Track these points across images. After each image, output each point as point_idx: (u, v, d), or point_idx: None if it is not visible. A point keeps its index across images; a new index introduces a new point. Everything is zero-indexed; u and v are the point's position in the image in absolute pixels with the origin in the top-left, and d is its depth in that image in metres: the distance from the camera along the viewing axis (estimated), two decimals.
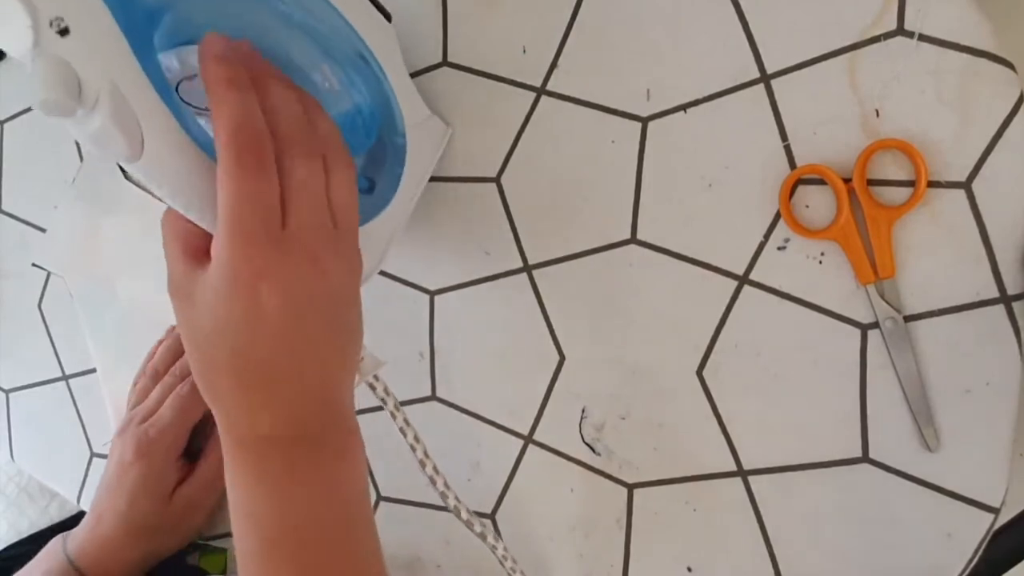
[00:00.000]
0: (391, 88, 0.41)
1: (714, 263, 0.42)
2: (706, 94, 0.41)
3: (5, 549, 0.76)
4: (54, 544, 0.51)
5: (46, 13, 0.25)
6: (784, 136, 0.40)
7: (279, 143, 0.30)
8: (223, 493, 0.49)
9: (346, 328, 0.33)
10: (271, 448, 0.31)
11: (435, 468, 0.40)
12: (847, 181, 0.38)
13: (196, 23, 0.33)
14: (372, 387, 0.37)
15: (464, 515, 0.41)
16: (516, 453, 0.47)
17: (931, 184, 0.37)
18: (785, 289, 0.41)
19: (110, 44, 0.27)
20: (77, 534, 0.51)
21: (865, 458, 0.40)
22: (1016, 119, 0.36)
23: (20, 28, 0.25)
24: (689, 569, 0.44)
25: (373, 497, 0.51)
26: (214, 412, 0.32)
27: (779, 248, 0.41)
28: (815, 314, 0.40)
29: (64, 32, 0.26)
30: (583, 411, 0.46)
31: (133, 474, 0.49)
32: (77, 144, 0.61)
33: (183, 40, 0.33)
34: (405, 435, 0.39)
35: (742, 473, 0.42)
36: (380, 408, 0.49)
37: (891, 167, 0.38)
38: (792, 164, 0.40)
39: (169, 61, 0.33)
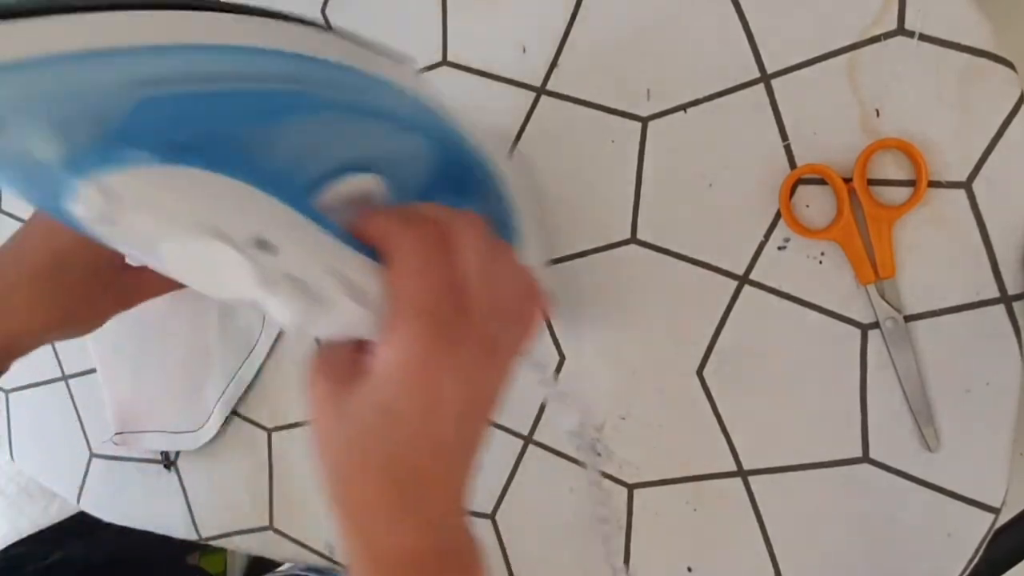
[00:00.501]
0: (471, 141, 0.38)
1: (714, 263, 0.42)
2: (706, 94, 0.41)
3: (6, 548, 0.76)
4: None
5: (247, 240, 0.23)
6: (784, 136, 0.40)
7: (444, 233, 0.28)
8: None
9: (488, 426, 0.31)
10: (411, 565, 0.29)
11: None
12: (847, 181, 0.38)
13: (327, 160, 0.30)
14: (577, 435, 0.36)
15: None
16: (516, 453, 0.47)
17: (931, 184, 0.37)
18: (785, 289, 0.41)
19: (306, 235, 0.25)
20: None
21: (865, 458, 0.40)
22: (1016, 119, 0.36)
23: (240, 271, 0.23)
24: (689, 569, 0.44)
25: None
26: (344, 530, 0.29)
27: (779, 248, 0.41)
28: (815, 314, 0.40)
29: (265, 246, 0.23)
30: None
31: None
32: None
33: (323, 184, 0.30)
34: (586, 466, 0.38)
35: (742, 473, 0.42)
36: None
37: (891, 167, 0.38)
38: (792, 164, 0.40)
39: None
